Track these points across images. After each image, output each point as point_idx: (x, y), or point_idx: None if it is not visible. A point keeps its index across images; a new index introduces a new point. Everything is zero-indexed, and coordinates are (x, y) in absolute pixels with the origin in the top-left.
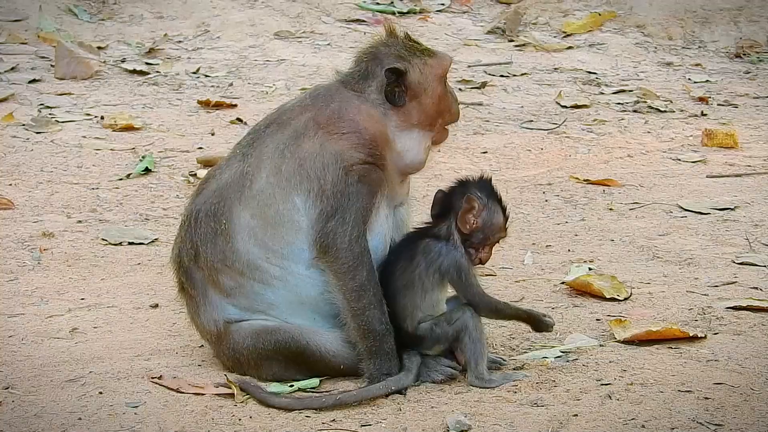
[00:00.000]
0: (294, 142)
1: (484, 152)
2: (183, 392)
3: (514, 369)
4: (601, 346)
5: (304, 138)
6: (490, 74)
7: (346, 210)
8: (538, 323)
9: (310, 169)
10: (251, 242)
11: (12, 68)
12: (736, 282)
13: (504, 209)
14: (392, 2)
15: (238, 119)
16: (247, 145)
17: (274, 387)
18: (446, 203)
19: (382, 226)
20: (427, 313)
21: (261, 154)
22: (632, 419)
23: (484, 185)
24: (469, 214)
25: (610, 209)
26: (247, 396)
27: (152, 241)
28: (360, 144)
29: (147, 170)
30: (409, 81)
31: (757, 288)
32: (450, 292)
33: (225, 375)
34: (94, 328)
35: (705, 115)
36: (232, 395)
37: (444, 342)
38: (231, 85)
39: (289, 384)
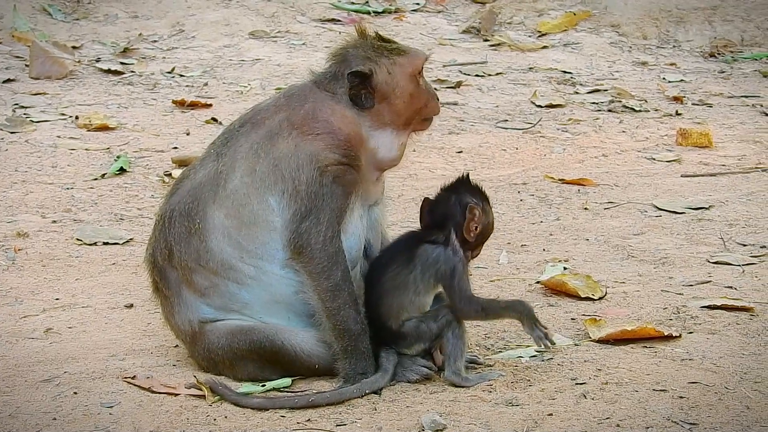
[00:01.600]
0: (268, 142)
1: (459, 152)
2: (156, 392)
3: (488, 368)
4: (576, 345)
5: (278, 138)
6: (465, 74)
7: (321, 210)
8: (529, 317)
9: (285, 169)
10: (225, 242)
11: None
12: (710, 281)
13: (490, 203)
14: (367, 2)
15: (213, 119)
16: (221, 144)
17: (245, 387)
18: (438, 212)
19: (357, 227)
20: (412, 314)
21: (235, 154)
22: (607, 418)
23: (471, 187)
24: (472, 222)
25: (585, 209)
26: (218, 397)
27: (127, 241)
28: (334, 145)
29: (122, 170)
30: (375, 82)
31: (731, 287)
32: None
33: (195, 376)
34: (69, 328)
35: (680, 114)
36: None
37: (426, 340)
38: (206, 84)
39: (261, 384)
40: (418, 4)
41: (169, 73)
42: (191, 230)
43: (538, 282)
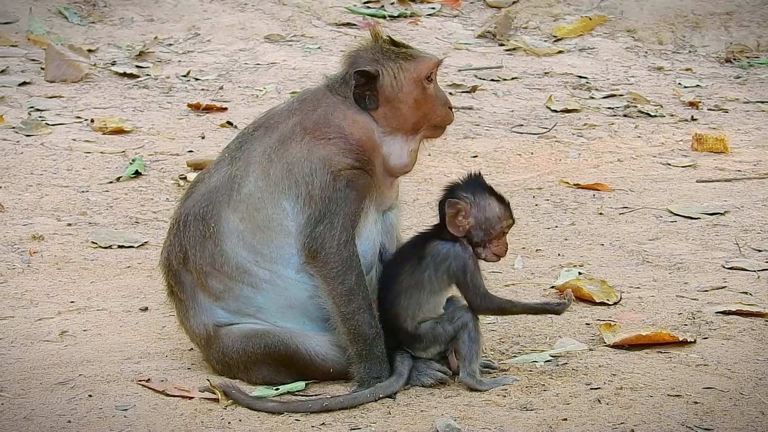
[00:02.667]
0: (281, 147)
1: (474, 156)
2: (171, 395)
3: (503, 373)
4: (590, 350)
5: (291, 143)
6: (480, 78)
7: (335, 215)
8: (552, 312)
9: (298, 173)
10: (240, 246)
11: (2, 71)
12: (725, 287)
13: (499, 198)
14: (383, 6)
15: (229, 122)
16: (235, 148)
17: (259, 391)
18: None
19: (371, 231)
20: (428, 315)
21: (249, 158)
22: (621, 423)
23: (469, 183)
24: (458, 217)
25: (600, 214)
26: (232, 401)
27: (142, 245)
28: (347, 149)
29: (137, 173)
30: (380, 84)
31: (746, 293)
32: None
33: (208, 380)
34: (84, 331)
35: (695, 119)
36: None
37: (442, 342)
38: (221, 88)
39: (275, 388)
40: (433, 8)
41: (184, 76)
42: (206, 234)
43: (552, 287)
